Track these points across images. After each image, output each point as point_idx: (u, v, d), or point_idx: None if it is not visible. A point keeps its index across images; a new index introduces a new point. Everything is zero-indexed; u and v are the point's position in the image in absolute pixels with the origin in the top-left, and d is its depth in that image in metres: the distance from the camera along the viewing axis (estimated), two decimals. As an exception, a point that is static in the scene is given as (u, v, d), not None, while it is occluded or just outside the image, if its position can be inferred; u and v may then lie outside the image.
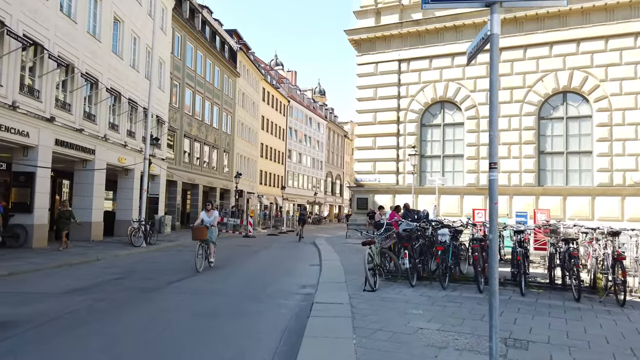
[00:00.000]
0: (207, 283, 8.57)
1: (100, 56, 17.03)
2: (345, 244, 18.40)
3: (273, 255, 14.67)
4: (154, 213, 22.97)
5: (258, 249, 16.62)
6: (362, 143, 23.00)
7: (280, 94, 51.76)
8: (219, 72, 34.09)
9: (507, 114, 19.99)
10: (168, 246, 16.71)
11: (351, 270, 9.59)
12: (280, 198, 48.26)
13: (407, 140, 21.95)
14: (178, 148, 27.46)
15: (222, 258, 13.24)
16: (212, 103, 32.77)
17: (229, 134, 36.55)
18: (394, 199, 21.98)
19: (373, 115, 22.66)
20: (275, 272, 10.21)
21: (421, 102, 21.72)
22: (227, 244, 19.04)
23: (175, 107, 27.14)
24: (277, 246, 18.44)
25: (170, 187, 27.41)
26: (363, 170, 22.84)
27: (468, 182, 20.57)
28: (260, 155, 45.70)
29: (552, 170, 19.53)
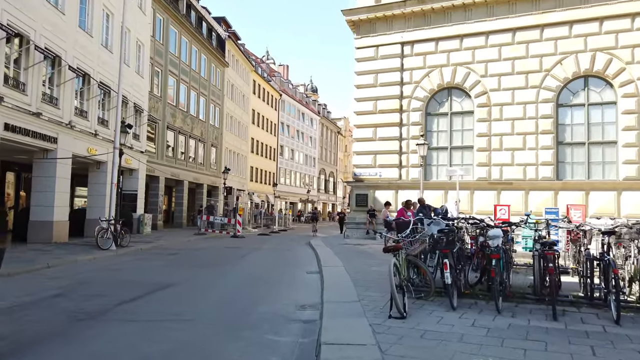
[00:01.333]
0: (173, 302, 6.50)
1: (63, 30, 14.81)
2: (344, 245, 16.41)
3: (263, 259, 12.62)
4: (131, 211, 20.77)
5: (247, 252, 14.56)
6: (362, 134, 21.01)
7: (272, 87, 49.60)
8: (206, 60, 31.88)
9: (522, 100, 18.13)
10: (142, 249, 14.58)
11: (361, 281, 7.59)
12: (271, 195, 46.15)
13: (411, 131, 20.00)
14: (160, 140, 25.24)
15: (203, 263, 11.17)
16: (199, 93, 30.55)
17: (217, 127, 34.35)
18: (396, 195, 20.04)
19: (373, 104, 20.67)
20: (264, 283, 8.17)
21: (426, 89, 19.78)
22: (213, 245, 16.96)
23: (157, 96, 24.91)
24: (268, 248, 16.38)
25: (152, 183, 25.19)
26: (362, 163, 20.86)
27: (478, 176, 18.68)
28: (251, 150, 43.54)
29: (572, 162, 17.70)
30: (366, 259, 11.34)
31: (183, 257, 12.76)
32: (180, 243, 17.88)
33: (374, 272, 8.54)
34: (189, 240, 19.28)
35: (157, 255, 12.89)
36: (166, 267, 10.42)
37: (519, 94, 18.17)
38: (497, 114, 18.48)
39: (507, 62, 18.42)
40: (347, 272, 8.65)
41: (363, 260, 10.82)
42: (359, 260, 10.97)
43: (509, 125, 18.26)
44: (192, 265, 10.85)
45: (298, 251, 15.20)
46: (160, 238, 19.00)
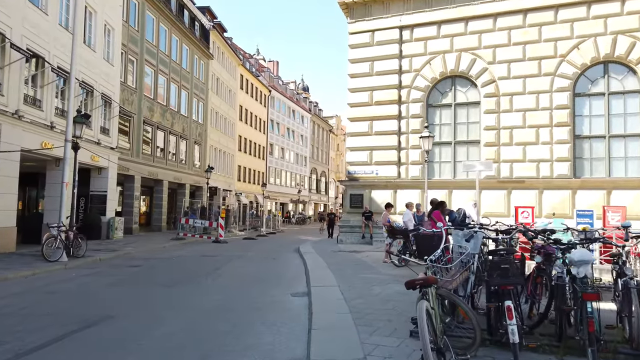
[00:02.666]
0: (90, 354, 4.47)
1: (8, 4, 12.62)
2: (337, 252, 14.42)
3: (241, 272, 10.56)
4: (99, 214, 18.60)
5: (224, 262, 12.50)
6: (356, 128, 19.04)
7: (261, 83, 47.48)
8: (188, 51, 29.69)
9: (534, 89, 16.30)
10: (101, 259, 12.46)
11: (363, 313, 5.59)
12: (260, 196, 44.03)
13: (411, 124, 18.09)
14: (135, 136, 23.04)
15: (165, 280, 9.13)
16: (180, 86, 28.36)
17: (201, 123, 32.17)
18: (395, 195, 18.12)
19: (369, 95, 18.72)
20: (232, 315, 6.05)
21: (428, 78, 17.88)
22: (188, 254, 14.87)
23: (131, 88, 22.71)
24: (250, 256, 14.33)
25: (127, 182, 23.00)
26: (357, 160, 18.90)
27: (485, 174, 16.79)
28: (239, 149, 41.39)
29: (591, 158, 15.92)
30: (365, 272, 9.37)
31: (145, 270, 10.68)
32: (151, 250, 15.76)
33: (379, 298, 6.57)
34: (163, 247, 17.16)
35: (114, 269, 10.78)
36: (116, 287, 8.34)
37: (531, 83, 16.35)
38: (507, 104, 16.64)
39: (518, 47, 16.58)
40: (342, 296, 6.66)
41: (361, 276, 8.84)
42: (356, 275, 8.98)
43: (520, 117, 16.43)
44: (150, 283, 8.78)
45: (284, 260, 13.18)
46: (131, 244, 16.85)
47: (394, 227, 10.37)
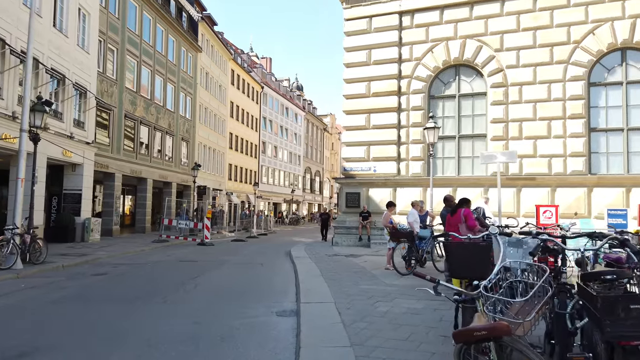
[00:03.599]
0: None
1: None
2: (333, 256, 13.02)
3: (220, 283, 9.11)
4: (73, 215, 17.08)
5: (203, 269, 11.05)
6: (352, 121, 17.66)
7: (253, 79, 45.99)
8: (175, 43, 28.16)
9: (545, 79, 15.02)
10: (66, 266, 10.98)
11: (369, 343, 4.18)
12: (252, 196, 42.52)
13: (412, 117, 16.75)
14: (116, 131, 21.50)
15: (129, 294, 7.70)
16: (166, 80, 26.83)
17: (189, 119, 30.64)
18: (394, 194, 16.78)
19: (366, 86, 17.36)
20: (196, 349, 4.59)
21: (430, 67, 16.55)
22: (166, 259, 13.42)
23: (111, 79, 21.17)
24: (236, 261, 12.89)
25: (106, 181, 21.46)
26: (353, 156, 17.52)
27: (493, 169, 15.49)
28: (229, 146, 39.87)
29: (608, 153, 14.67)
30: (365, 282, 7.99)
31: (108, 281, 9.22)
32: (126, 255, 14.29)
33: (387, 320, 5.17)
34: (142, 251, 15.68)
35: (73, 279, 9.31)
36: (62, 303, 6.88)
37: (542, 71, 15.07)
38: (516, 95, 15.35)
39: (528, 33, 15.30)
40: (340, 317, 5.26)
41: (362, 287, 7.46)
42: (355, 286, 7.59)
43: (530, 108, 15.15)
44: (107, 298, 7.32)
45: (273, 267, 11.75)
46: (105, 248, 15.36)
47: (398, 229, 9.00)
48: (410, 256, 8.85)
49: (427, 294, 7.03)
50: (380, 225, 16.69)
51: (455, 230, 6.19)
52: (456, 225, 6.32)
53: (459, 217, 6.30)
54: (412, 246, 8.92)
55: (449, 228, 6.41)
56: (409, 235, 8.94)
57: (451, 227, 6.38)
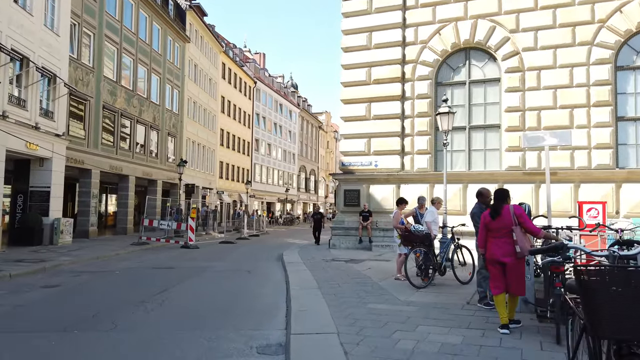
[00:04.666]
0: None
1: None
2: (331, 262, 11.38)
3: (192, 299, 7.39)
4: (40, 215, 15.32)
5: (179, 278, 9.37)
6: (351, 112, 16.03)
7: (245, 74, 44.23)
8: (160, 31, 26.38)
9: (567, 62, 13.50)
10: (14, 275, 9.29)
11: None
12: (245, 195, 40.81)
13: (417, 106, 15.17)
14: (93, 123, 19.71)
15: (67, 317, 6.03)
16: (150, 70, 25.04)
17: (176, 112, 28.86)
18: (397, 191, 15.18)
19: (366, 72, 15.75)
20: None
21: (437, 51, 14.97)
22: (140, 265, 11.72)
23: (87, 66, 19.38)
24: (218, 268, 11.20)
25: (82, 177, 19.69)
26: (352, 150, 15.90)
27: (509, 164, 13.99)
28: (221, 143, 38.11)
29: (638, 144, 13.15)
30: (374, 299, 6.37)
31: (58, 296, 7.54)
32: (95, 260, 12.58)
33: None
34: (116, 255, 13.95)
35: (16, 292, 7.62)
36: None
37: (563, 54, 13.55)
38: (534, 81, 13.81)
39: (547, 12, 13.77)
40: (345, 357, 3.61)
41: (371, 306, 5.83)
42: (361, 305, 5.96)
43: (549, 95, 13.62)
44: (37, 324, 5.58)
45: (261, 275, 10.09)
46: (74, 252, 13.62)
47: (412, 231, 7.37)
48: (427, 265, 7.23)
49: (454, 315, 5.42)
50: (383, 226, 15.11)
51: (505, 238, 4.59)
52: (504, 231, 4.68)
53: (508, 218, 4.66)
54: (429, 252, 7.29)
55: (494, 235, 4.77)
56: (425, 239, 7.32)
57: (496, 234, 4.75)
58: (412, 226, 7.52)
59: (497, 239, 4.72)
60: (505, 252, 4.60)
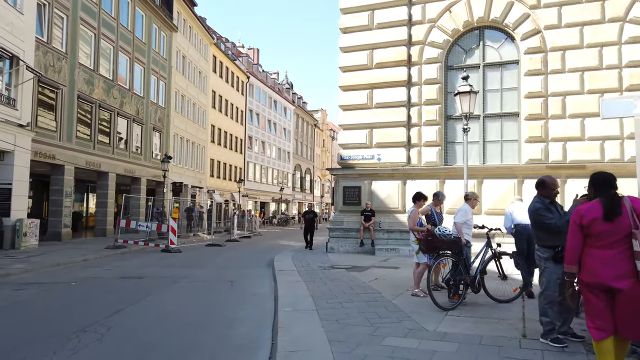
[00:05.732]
0: None
1: None
2: (330, 269, 9.72)
3: (152, 322, 5.71)
4: (1, 215, 13.54)
5: (145, 292, 7.68)
6: (351, 99, 14.37)
7: (238, 68, 42.45)
8: (144, 18, 24.60)
9: (596, 41, 11.93)
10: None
11: None
12: (237, 194, 39.05)
13: (425, 93, 13.55)
14: (66, 114, 17.91)
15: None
16: (132, 59, 23.25)
17: (162, 106, 27.07)
18: (403, 187, 13.57)
19: (368, 55, 14.11)
20: None
21: (447, 30, 13.36)
22: (105, 273, 10.03)
23: (59, 51, 17.57)
24: (196, 278, 9.50)
25: (54, 174, 17.89)
26: (352, 142, 14.25)
27: (529, 157, 12.39)
28: (211, 140, 36.33)
29: (678, 133, 11.53)
30: (391, 328, 4.74)
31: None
32: (55, 268, 10.85)
33: None
34: (83, 261, 12.21)
35: None
36: None
37: (591, 32, 11.98)
38: (557, 63, 12.23)
39: (572, -15, 12.17)
40: None
41: (389, 343, 4.21)
42: (375, 337, 4.35)
43: (576, 79, 12.05)
44: None
45: (246, 287, 8.41)
46: (34, 258, 11.87)
47: (437, 235, 5.73)
48: (457, 279, 5.57)
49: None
50: (387, 227, 13.45)
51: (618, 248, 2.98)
52: (617, 238, 3.05)
53: (626, 220, 3.03)
54: (459, 262, 5.64)
55: (597, 245, 3.13)
56: (454, 246, 5.68)
57: (601, 243, 3.12)
58: (438, 229, 5.87)
59: (602, 250, 3.10)
60: (620, 273, 2.97)
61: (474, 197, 6.58)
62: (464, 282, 5.62)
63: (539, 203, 4.37)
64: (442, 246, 5.73)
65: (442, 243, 5.71)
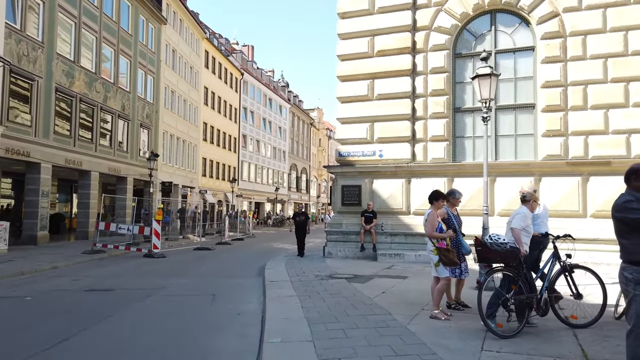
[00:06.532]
0: None
1: None
2: (328, 280, 8.53)
3: (98, 357, 4.48)
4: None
5: (110, 309, 6.51)
6: (350, 91, 13.18)
7: (231, 64, 41.17)
8: (131, 8, 23.30)
9: (620, 24, 10.83)
10: None
11: None
12: (230, 194, 37.75)
13: (431, 83, 12.39)
14: (42, 108, 16.60)
15: None
16: (117, 51, 21.95)
17: (150, 102, 25.77)
18: (407, 186, 12.39)
19: (369, 42, 12.93)
20: None
21: (455, 14, 12.20)
22: (76, 282, 8.79)
23: (34, 40, 16.27)
24: (173, 290, 8.26)
25: (29, 173, 16.59)
26: (351, 137, 13.06)
27: (547, 152, 11.24)
28: (204, 138, 35.04)
29: None
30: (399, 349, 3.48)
31: None
32: (19, 277, 9.62)
33: None
34: (53, 269, 10.96)
35: None
36: None
37: (614, 15, 10.86)
38: (578, 49, 11.10)
39: (594, -37, 11.05)
40: None
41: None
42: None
43: (598, 66, 10.92)
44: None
45: (230, 301, 7.21)
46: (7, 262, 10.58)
47: (489, 243, 4.53)
48: (519, 300, 4.37)
49: None
50: (390, 230, 12.23)
51: None
52: None
53: None
54: (518, 278, 4.44)
55: None
56: (512, 258, 4.49)
57: None
58: (489, 236, 4.68)
59: None
60: None
61: (534, 198, 5.38)
62: (527, 303, 4.43)
63: (629, 195, 3.13)
64: (496, 258, 4.53)
65: (495, 255, 4.50)
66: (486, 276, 4.59)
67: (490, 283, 4.63)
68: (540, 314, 4.66)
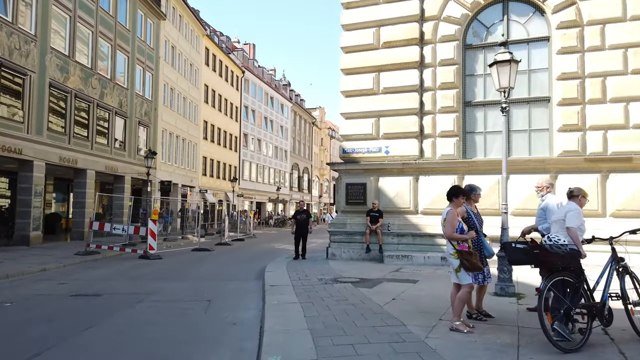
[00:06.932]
0: None
1: None
2: (332, 282, 7.97)
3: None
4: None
5: (94, 318, 5.97)
6: (355, 84, 12.58)
7: (232, 62, 40.61)
8: (128, 2, 22.75)
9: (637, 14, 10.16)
10: None
11: None
12: (231, 194, 37.19)
13: (439, 75, 11.79)
14: (35, 104, 16.05)
15: None
16: (115, 47, 21.40)
17: (149, 99, 25.22)
18: (415, 184, 11.79)
19: (374, 33, 12.33)
20: None
21: (466, 3, 11.60)
22: (63, 287, 8.24)
23: (27, 33, 15.73)
24: (165, 296, 7.69)
25: (22, 171, 16.05)
26: (356, 133, 12.46)
27: (563, 148, 10.64)
28: (204, 137, 34.49)
29: None
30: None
31: None
32: (4, 280, 9.02)
33: None
34: (41, 271, 10.41)
35: None
36: None
37: (635, 2, 10.27)
38: (596, 38, 10.48)
39: (614, -53, 10.42)
40: None
41: None
42: None
43: (618, 57, 10.31)
44: None
45: (225, 309, 6.64)
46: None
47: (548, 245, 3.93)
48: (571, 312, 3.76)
49: None
50: (397, 230, 11.61)
51: None
52: None
53: None
54: (579, 285, 3.85)
55: None
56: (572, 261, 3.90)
57: None
58: (547, 237, 4.08)
59: None
60: None
61: (582, 193, 4.82)
62: (587, 311, 3.84)
63: None
64: (557, 262, 3.94)
65: (556, 258, 3.91)
66: (546, 282, 3.94)
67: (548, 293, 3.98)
68: (604, 324, 4.06)
